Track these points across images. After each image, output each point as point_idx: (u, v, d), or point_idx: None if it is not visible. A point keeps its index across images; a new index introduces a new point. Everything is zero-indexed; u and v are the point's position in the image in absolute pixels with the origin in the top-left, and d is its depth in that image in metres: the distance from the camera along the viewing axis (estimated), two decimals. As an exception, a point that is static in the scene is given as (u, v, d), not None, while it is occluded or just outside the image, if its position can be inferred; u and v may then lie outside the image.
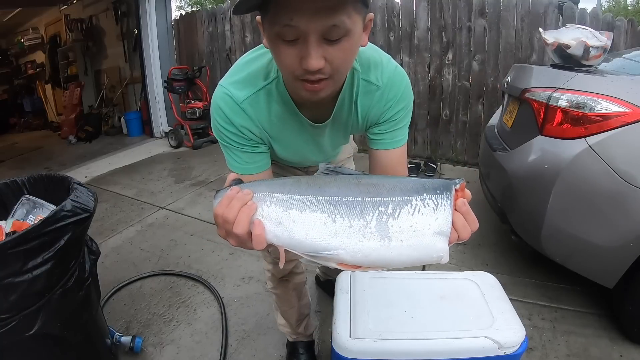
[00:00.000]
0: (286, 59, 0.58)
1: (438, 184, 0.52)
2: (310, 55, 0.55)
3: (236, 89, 0.73)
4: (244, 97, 0.73)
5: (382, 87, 0.76)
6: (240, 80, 0.74)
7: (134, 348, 1.36)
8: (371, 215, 0.50)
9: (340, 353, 0.87)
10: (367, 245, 0.50)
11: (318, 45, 0.55)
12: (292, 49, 0.57)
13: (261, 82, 0.73)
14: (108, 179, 3.37)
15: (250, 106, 0.74)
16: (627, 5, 17.18)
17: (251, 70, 0.74)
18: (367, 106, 0.78)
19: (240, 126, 0.74)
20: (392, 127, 0.80)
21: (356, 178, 0.55)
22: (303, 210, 0.51)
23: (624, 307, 1.36)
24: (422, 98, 3.55)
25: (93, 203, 1.04)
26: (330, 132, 0.84)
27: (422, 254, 0.50)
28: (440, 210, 0.50)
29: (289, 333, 1.32)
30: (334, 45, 0.56)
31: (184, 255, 2.04)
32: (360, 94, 0.76)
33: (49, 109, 6.78)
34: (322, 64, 0.57)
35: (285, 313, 1.28)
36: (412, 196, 0.50)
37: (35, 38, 6.59)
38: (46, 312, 0.94)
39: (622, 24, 2.86)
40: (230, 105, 0.73)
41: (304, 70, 0.58)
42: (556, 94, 1.40)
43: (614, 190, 1.24)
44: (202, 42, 4.55)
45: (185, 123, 4.27)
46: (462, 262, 1.93)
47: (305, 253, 0.51)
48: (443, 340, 0.87)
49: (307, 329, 1.33)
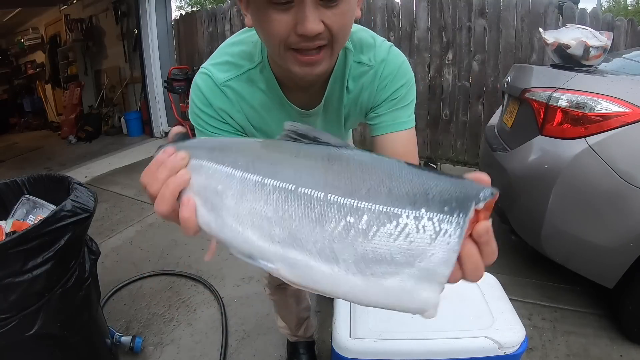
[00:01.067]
0: (278, 26, 0.51)
1: (451, 193, 0.32)
2: (307, 18, 0.49)
3: (218, 70, 0.67)
4: (226, 78, 0.66)
5: (375, 66, 0.69)
6: (223, 62, 0.68)
7: (134, 348, 1.36)
8: (333, 224, 0.33)
9: (340, 353, 0.87)
10: (319, 269, 0.33)
11: (315, 7, 0.49)
12: (284, 14, 0.50)
13: (246, 65, 0.67)
14: (108, 179, 3.37)
15: (232, 89, 0.67)
16: (627, 5, 17.19)
17: (235, 51, 0.68)
18: (359, 88, 0.70)
19: (219, 109, 0.67)
20: (392, 106, 0.70)
21: (328, 153, 0.37)
22: (242, 196, 0.37)
23: (624, 307, 1.36)
24: (422, 98, 3.54)
25: (93, 203, 1.04)
26: (323, 123, 0.75)
27: (396, 301, 0.34)
28: (441, 242, 0.31)
29: (289, 334, 1.32)
30: (331, 9, 0.50)
31: (184, 255, 2.04)
32: (351, 76, 0.69)
33: (49, 109, 6.78)
34: (321, 28, 0.50)
35: (284, 317, 1.27)
36: (403, 208, 0.32)
37: (35, 38, 6.59)
38: (46, 312, 0.94)
39: (622, 24, 2.86)
40: (209, 86, 0.66)
41: (299, 38, 0.51)
42: (556, 94, 1.40)
43: (614, 190, 1.24)
44: (202, 42, 4.54)
45: (185, 123, 4.26)
46: (462, 262, 1.92)
47: (240, 253, 0.38)
48: (443, 340, 0.87)
49: (307, 331, 1.32)
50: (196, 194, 0.40)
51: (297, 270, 0.34)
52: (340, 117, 0.75)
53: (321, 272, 0.33)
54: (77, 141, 4.98)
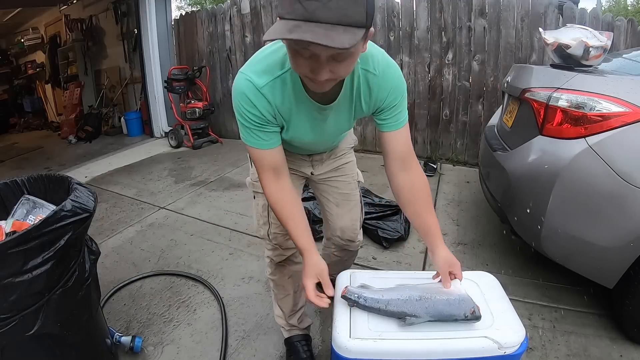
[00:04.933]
0: (300, 67, 0.74)
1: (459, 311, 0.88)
2: (320, 71, 0.71)
3: (257, 77, 0.86)
4: (264, 83, 0.86)
5: (379, 76, 0.91)
6: (260, 69, 0.87)
7: (134, 348, 1.36)
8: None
9: (340, 353, 0.87)
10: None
11: (327, 63, 0.70)
12: (306, 61, 0.71)
13: (278, 71, 0.86)
14: (108, 179, 3.37)
15: (269, 91, 0.87)
16: (627, 5, 17.17)
17: (269, 61, 0.88)
18: (367, 91, 0.92)
19: (261, 108, 0.88)
20: (393, 112, 0.96)
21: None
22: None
23: (624, 307, 1.36)
24: (422, 98, 3.55)
25: (93, 203, 1.03)
26: (336, 114, 0.96)
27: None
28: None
29: (283, 325, 1.35)
30: (340, 62, 0.71)
31: (184, 255, 2.04)
32: (361, 81, 0.91)
33: (49, 109, 6.79)
34: (329, 76, 0.72)
35: (280, 301, 1.32)
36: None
37: (35, 38, 6.59)
38: (46, 312, 0.94)
39: (622, 24, 2.86)
40: (252, 91, 0.86)
41: (313, 76, 0.73)
42: (556, 94, 1.40)
43: (613, 190, 1.24)
44: (202, 42, 4.55)
45: (185, 123, 4.27)
46: (462, 262, 1.91)
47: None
48: (443, 340, 0.87)
49: (302, 322, 1.36)
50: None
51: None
52: (351, 112, 0.98)
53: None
54: (77, 141, 4.99)
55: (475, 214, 2.43)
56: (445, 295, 0.92)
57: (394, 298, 0.92)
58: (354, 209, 1.29)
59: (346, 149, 1.28)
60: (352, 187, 1.28)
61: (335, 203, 1.27)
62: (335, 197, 1.27)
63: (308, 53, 0.69)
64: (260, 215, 1.22)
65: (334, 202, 1.27)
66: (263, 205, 1.20)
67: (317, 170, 1.24)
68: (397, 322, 0.91)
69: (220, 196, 2.86)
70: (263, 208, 1.20)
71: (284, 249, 1.23)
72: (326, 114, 0.94)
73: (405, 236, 2.12)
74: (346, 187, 1.27)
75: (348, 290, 0.96)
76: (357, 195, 1.30)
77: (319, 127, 0.98)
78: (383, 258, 1.98)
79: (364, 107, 0.95)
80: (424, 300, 0.90)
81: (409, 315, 0.89)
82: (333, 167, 1.25)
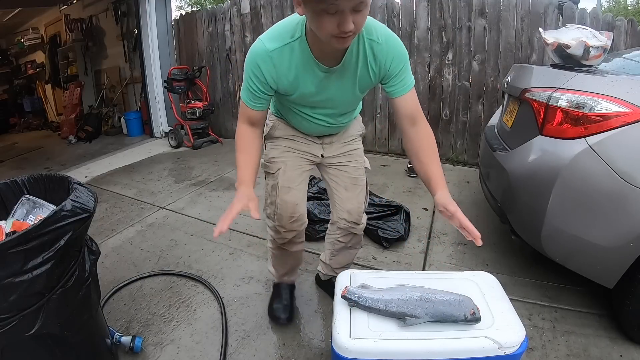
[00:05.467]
0: (326, 26, 0.86)
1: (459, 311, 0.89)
2: (346, 22, 0.84)
3: (268, 42, 1.02)
4: (273, 48, 1.01)
5: (382, 44, 1.03)
6: (273, 36, 1.03)
7: (134, 348, 1.36)
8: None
9: (340, 353, 0.87)
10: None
11: (350, 14, 0.84)
12: (332, 17, 0.84)
13: (288, 39, 1.01)
14: (108, 179, 3.37)
15: (277, 55, 1.02)
16: (627, 5, 17.16)
17: (281, 30, 1.03)
18: (372, 58, 1.04)
19: (266, 72, 1.03)
20: (399, 77, 1.07)
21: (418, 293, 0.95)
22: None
23: (624, 307, 1.36)
24: (422, 98, 3.54)
25: (93, 203, 1.03)
26: (339, 77, 1.07)
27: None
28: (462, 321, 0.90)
29: (274, 276, 1.57)
30: (358, 14, 0.85)
31: (184, 255, 2.04)
32: (367, 48, 1.03)
33: (49, 109, 6.78)
34: (352, 27, 0.85)
35: (276, 265, 1.52)
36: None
37: (35, 38, 6.59)
38: (46, 312, 0.94)
39: (622, 24, 2.86)
40: (262, 54, 1.02)
41: (340, 31, 0.85)
42: (556, 94, 1.40)
43: (614, 190, 1.24)
44: (202, 42, 4.55)
45: (185, 123, 4.27)
46: (462, 262, 1.93)
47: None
48: (443, 340, 0.87)
49: (291, 277, 1.57)
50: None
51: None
52: (355, 78, 1.08)
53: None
54: (77, 141, 4.99)
55: (475, 214, 2.43)
56: (445, 296, 0.92)
57: (394, 298, 0.92)
58: (360, 193, 1.36)
59: (355, 135, 1.38)
60: (361, 172, 1.36)
61: (344, 187, 1.34)
62: (344, 180, 1.34)
63: (334, 8, 0.82)
64: (269, 195, 1.31)
65: (343, 185, 1.34)
66: (272, 186, 1.29)
67: (327, 153, 1.33)
68: (397, 322, 0.91)
69: (220, 196, 2.86)
70: (272, 188, 1.29)
71: (286, 230, 1.30)
72: (330, 76, 1.06)
73: (405, 236, 2.12)
74: (355, 172, 1.35)
75: (348, 291, 0.96)
76: (364, 180, 1.38)
77: (324, 89, 1.10)
78: (383, 258, 1.98)
79: (371, 74, 1.07)
80: (424, 301, 0.91)
81: (409, 316, 0.89)
82: (343, 152, 1.34)
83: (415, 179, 3.07)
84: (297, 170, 1.29)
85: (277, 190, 1.27)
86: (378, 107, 3.75)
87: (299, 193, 1.29)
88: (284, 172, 1.27)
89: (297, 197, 1.28)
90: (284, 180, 1.27)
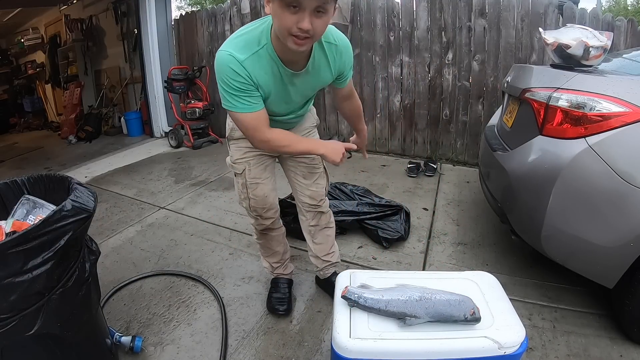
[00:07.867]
0: (288, 21, 0.92)
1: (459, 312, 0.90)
2: (305, 20, 0.91)
3: (237, 52, 1.04)
4: (244, 57, 1.04)
5: (340, 45, 1.16)
6: (240, 46, 1.05)
7: (134, 348, 1.36)
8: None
9: (340, 353, 0.87)
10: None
11: (310, 15, 0.91)
12: (293, 15, 0.91)
13: (255, 47, 1.06)
14: (108, 179, 3.37)
15: (249, 64, 1.05)
16: (627, 5, 17.16)
17: (247, 39, 1.07)
18: (333, 58, 1.17)
19: (245, 76, 1.05)
20: (348, 73, 1.28)
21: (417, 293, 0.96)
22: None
23: (624, 307, 1.36)
24: (422, 98, 3.55)
25: (93, 203, 1.03)
26: (303, 81, 1.17)
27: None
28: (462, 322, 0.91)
29: (270, 271, 1.65)
30: (318, 18, 0.93)
31: (184, 255, 2.04)
32: (327, 51, 1.14)
33: (49, 109, 6.78)
34: (310, 27, 0.92)
35: (267, 257, 1.63)
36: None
37: (35, 38, 6.59)
38: (46, 312, 0.94)
39: (622, 24, 2.86)
40: (235, 63, 1.04)
41: (298, 29, 0.92)
42: (556, 94, 1.40)
43: (614, 190, 1.24)
44: (202, 42, 4.54)
45: (185, 123, 4.26)
46: (462, 262, 1.93)
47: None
48: (443, 340, 0.87)
49: (286, 269, 1.66)
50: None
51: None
52: (319, 77, 1.20)
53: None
54: (77, 141, 4.98)
55: (475, 214, 2.43)
56: (445, 296, 0.92)
57: (394, 298, 0.92)
58: (319, 178, 1.48)
59: (309, 128, 1.48)
60: (317, 160, 1.45)
61: (302, 175, 1.45)
62: (302, 170, 1.45)
63: (296, 3, 0.88)
64: (241, 192, 1.43)
65: (301, 174, 1.45)
66: (242, 184, 1.40)
67: None
68: (397, 322, 0.91)
69: (220, 196, 2.86)
70: (242, 186, 1.41)
71: (263, 218, 1.46)
72: (296, 80, 1.15)
73: (405, 236, 2.12)
74: (312, 161, 1.44)
75: (348, 291, 0.96)
76: (321, 167, 1.48)
77: (289, 94, 1.18)
78: (383, 258, 1.98)
79: (331, 73, 1.20)
80: (424, 301, 0.91)
81: (408, 316, 0.89)
82: None
83: (415, 179, 3.07)
84: (260, 166, 1.39)
85: (246, 188, 1.40)
86: (378, 107, 3.75)
87: (267, 186, 1.41)
88: (249, 170, 1.38)
89: (265, 190, 1.41)
90: (251, 178, 1.38)
